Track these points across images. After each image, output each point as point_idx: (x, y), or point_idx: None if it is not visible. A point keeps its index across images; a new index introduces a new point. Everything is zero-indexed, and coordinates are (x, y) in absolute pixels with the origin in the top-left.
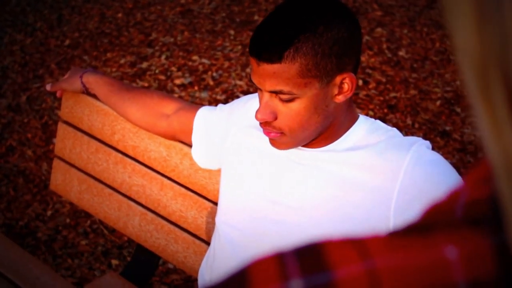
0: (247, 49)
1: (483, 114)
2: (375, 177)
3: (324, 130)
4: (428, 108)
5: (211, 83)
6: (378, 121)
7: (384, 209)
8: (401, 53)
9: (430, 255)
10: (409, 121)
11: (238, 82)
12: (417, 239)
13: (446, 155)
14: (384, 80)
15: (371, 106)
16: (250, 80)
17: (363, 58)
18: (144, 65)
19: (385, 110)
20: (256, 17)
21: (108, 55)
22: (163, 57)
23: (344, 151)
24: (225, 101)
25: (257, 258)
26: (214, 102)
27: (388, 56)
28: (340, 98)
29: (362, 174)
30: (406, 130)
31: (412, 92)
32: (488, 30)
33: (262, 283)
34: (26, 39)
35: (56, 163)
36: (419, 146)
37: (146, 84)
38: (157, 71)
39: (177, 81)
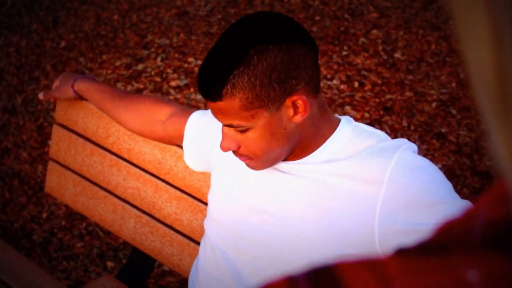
0: None
1: (503, 140)
2: (358, 186)
3: (296, 146)
4: (423, 110)
5: None
6: (360, 125)
7: (369, 217)
8: (397, 55)
9: (451, 279)
10: (404, 123)
11: None
12: (436, 262)
13: (442, 157)
14: (379, 82)
15: (366, 108)
16: None
17: (358, 60)
18: (140, 67)
19: (381, 112)
20: None
21: (104, 57)
22: (158, 59)
23: (324, 162)
24: None
25: (269, 281)
26: None
27: (384, 58)
28: (298, 118)
29: (345, 183)
30: (402, 132)
31: (408, 94)
32: (507, 52)
33: None
34: (21, 41)
35: (51, 165)
36: (403, 152)
37: (141, 86)
38: (152, 73)
39: (173, 83)
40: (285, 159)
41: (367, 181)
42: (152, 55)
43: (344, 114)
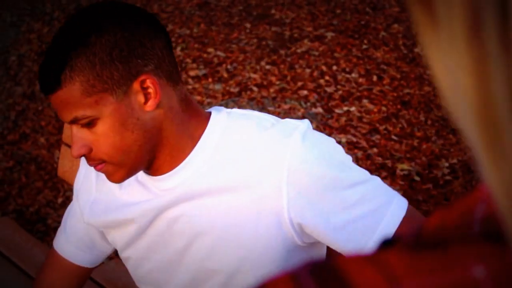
0: (263, 42)
1: (492, 166)
2: (252, 198)
3: (162, 150)
4: (441, 105)
5: (225, 75)
6: (233, 113)
7: (280, 227)
8: (417, 49)
9: (457, 275)
10: (422, 118)
11: (252, 75)
12: (439, 257)
13: (458, 152)
14: (398, 76)
15: (384, 102)
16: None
17: (378, 54)
18: None
19: (398, 106)
20: (273, 11)
21: None
22: (178, 48)
23: (202, 175)
24: (239, 94)
25: (271, 277)
26: (227, 94)
27: (404, 52)
28: (150, 105)
29: (234, 199)
30: (419, 127)
31: (426, 88)
32: (492, 70)
33: None
34: (43, 28)
35: (63, 149)
36: (296, 143)
37: None
38: None
39: (192, 73)
40: (157, 172)
41: (262, 191)
42: (172, 44)
43: (362, 107)
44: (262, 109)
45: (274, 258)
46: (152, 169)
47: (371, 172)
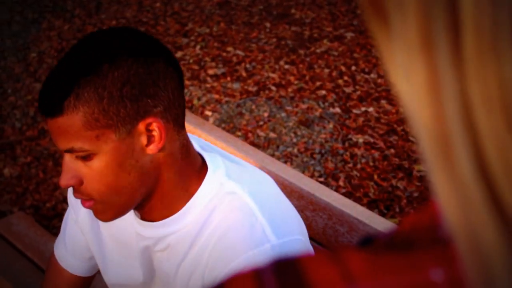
0: (282, 42)
1: (442, 179)
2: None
3: (152, 192)
4: None
5: (244, 74)
6: (230, 177)
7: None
8: None
9: (415, 278)
10: None
11: (271, 75)
12: (401, 260)
13: None
14: None
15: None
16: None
17: None
18: (179, 54)
19: None
20: (293, 11)
21: None
22: (198, 47)
23: (184, 236)
24: (257, 93)
25: (234, 274)
26: (245, 93)
27: None
28: (153, 149)
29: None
30: None
31: None
32: (442, 83)
33: None
34: (64, 25)
35: None
36: (264, 253)
37: None
38: (191, 60)
39: (210, 71)
40: (144, 215)
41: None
42: (191, 43)
43: (380, 108)
44: (280, 108)
45: None
46: (139, 210)
47: (388, 172)
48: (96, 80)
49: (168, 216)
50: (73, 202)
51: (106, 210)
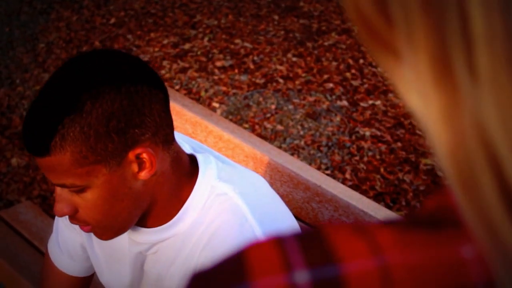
0: (290, 34)
1: (475, 217)
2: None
3: (152, 209)
4: None
5: (252, 66)
6: (220, 180)
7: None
8: None
9: (445, 254)
10: None
11: (279, 67)
12: (431, 236)
13: None
14: None
15: None
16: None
17: None
18: (187, 46)
19: None
20: (301, 3)
21: (152, 35)
22: (206, 39)
23: (177, 241)
24: (264, 85)
25: (255, 242)
26: (253, 85)
27: None
28: (144, 175)
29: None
30: None
31: None
32: (463, 122)
33: (263, 272)
34: (72, 16)
35: None
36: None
37: (187, 65)
38: (199, 52)
39: (218, 63)
40: (139, 223)
41: None
42: (199, 35)
43: (387, 101)
44: (287, 101)
45: None
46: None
47: (394, 166)
48: (80, 119)
49: (162, 223)
50: None
51: (106, 232)
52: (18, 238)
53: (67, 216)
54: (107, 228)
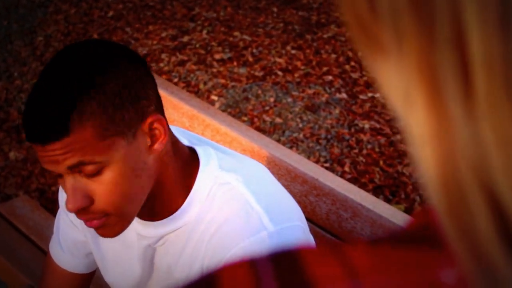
0: (289, 27)
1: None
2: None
3: (156, 191)
4: None
5: (251, 59)
6: (222, 169)
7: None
8: None
9: (423, 276)
10: None
11: (278, 60)
12: (408, 256)
13: None
14: None
15: None
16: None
17: None
18: (185, 39)
19: None
20: None
21: (150, 27)
22: (204, 31)
23: (183, 232)
24: (263, 78)
25: (228, 263)
26: (252, 78)
27: None
28: (157, 147)
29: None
30: None
31: None
32: (454, 139)
33: None
34: (70, 9)
35: None
36: (261, 244)
37: (185, 58)
38: (197, 45)
39: (217, 56)
40: (143, 216)
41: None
42: (198, 27)
43: None
44: (286, 93)
45: None
46: (140, 211)
47: (394, 158)
48: (95, 93)
49: (168, 215)
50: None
51: (119, 222)
52: (15, 232)
53: (68, 215)
54: (123, 215)
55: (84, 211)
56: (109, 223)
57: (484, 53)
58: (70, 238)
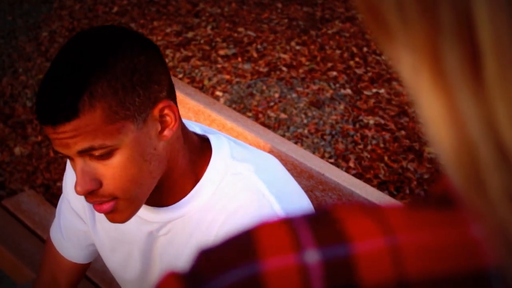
0: (294, 23)
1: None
2: None
3: (165, 177)
4: None
5: (255, 55)
6: (231, 165)
7: None
8: None
9: (457, 234)
10: None
11: (282, 55)
12: (441, 215)
13: None
14: None
15: None
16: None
17: None
18: (190, 34)
19: None
20: None
21: (155, 23)
22: (209, 27)
23: (190, 220)
24: (268, 74)
25: (264, 221)
26: (256, 74)
27: None
28: (167, 134)
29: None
30: None
31: None
32: (467, 120)
33: (272, 251)
34: (75, 4)
35: None
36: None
37: (190, 54)
38: (202, 41)
39: (221, 52)
40: (152, 202)
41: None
42: (202, 23)
43: (391, 89)
44: (291, 89)
45: None
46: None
47: (398, 154)
48: (106, 74)
49: (174, 202)
50: (70, 192)
51: (128, 207)
52: (20, 227)
53: (69, 201)
54: (132, 199)
55: (93, 194)
56: (118, 208)
57: (493, 33)
58: (72, 227)
